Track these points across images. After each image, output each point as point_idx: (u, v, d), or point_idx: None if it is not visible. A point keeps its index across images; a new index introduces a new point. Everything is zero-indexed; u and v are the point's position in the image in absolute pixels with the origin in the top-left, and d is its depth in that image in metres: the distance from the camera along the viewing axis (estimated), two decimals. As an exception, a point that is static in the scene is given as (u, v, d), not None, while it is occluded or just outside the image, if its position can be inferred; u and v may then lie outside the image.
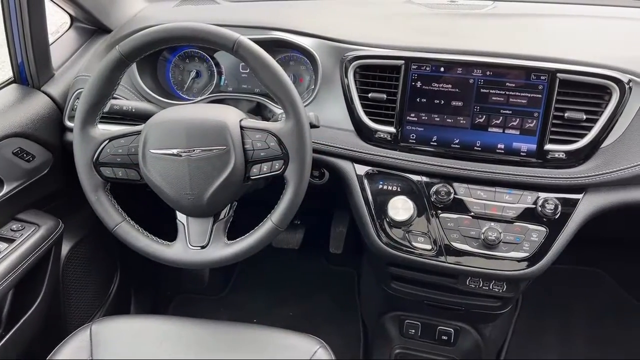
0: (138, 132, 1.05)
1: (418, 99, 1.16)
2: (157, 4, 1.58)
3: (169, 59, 1.40)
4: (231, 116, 1.02)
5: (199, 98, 1.34)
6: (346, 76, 1.19)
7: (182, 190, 1.02)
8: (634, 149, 1.09)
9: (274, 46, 1.30)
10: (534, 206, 1.13)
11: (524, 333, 1.88)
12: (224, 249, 1.05)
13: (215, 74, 1.38)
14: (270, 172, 1.01)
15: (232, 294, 2.12)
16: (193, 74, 1.38)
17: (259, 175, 1.02)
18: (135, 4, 1.54)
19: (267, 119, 1.28)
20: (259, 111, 1.32)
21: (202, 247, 1.06)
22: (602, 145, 1.10)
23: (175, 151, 1.01)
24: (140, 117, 1.15)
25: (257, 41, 1.02)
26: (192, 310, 2.05)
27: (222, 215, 1.07)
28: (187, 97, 1.40)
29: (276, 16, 1.38)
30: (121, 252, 1.75)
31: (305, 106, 1.22)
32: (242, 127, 1.01)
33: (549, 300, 1.99)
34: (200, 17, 1.44)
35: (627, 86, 1.07)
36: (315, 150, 1.17)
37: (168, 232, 1.12)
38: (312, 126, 1.06)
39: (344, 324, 1.94)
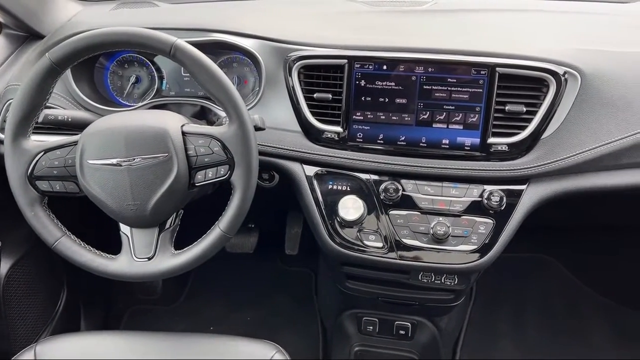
0: (75, 143, 1.01)
1: (363, 98, 1.16)
2: (92, 8, 1.52)
3: (106, 65, 1.35)
4: (172, 122, 0.99)
5: (140, 104, 1.29)
6: (290, 77, 1.18)
7: (123, 201, 0.98)
8: (572, 139, 1.12)
9: (215, 48, 1.28)
10: (480, 199, 1.15)
11: (479, 323, 1.92)
12: (171, 260, 1.01)
13: (156, 78, 1.34)
14: (216, 178, 0.99)
15: (187, 302, 2.08)
16: (133, 80, 1.34)
17: (204, 181, 0.99)
18: (68, 8, 1.47)
19: (212, 123, 1.25)
20: (203, 115, 1.29)
21: (149, 259, 1.02)
22: (543, 137, 1.13)
23: (114, 161, 0.97)
24: (77, 127, 1.10)
25: (196, 44, 0.99)
26: (147, 322, 1.99)
27: (167, 225, 1.04)
28: (127, 103, 1.35)
29: (217, 18, 1.35)
30: (67, 267, 1.68)
31: (250, 108, 1.21)
32: (184, 133, 0.99)
33: (501, 289, 2.04)
34: (138, 20, 1.39)
35: (562, 78, 1.10)
36: (262, 153, 1.16)
37: (113, 245, 1.08)
38: (258, 129, 1.04)
39: (302, 325, 1.93)
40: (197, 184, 1.00)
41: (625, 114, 1.13)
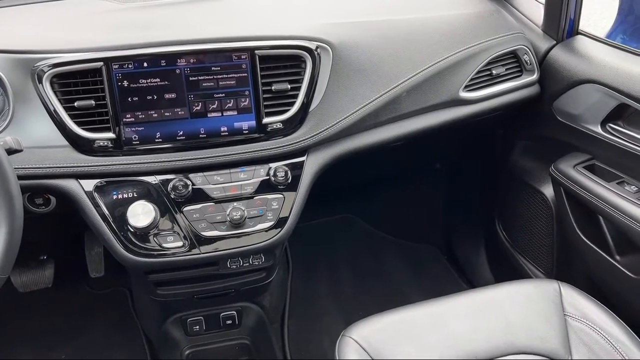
0: None
1: (130, 99, 1.11)
2: None
3: None
4: None
5: None
6: (43, 89, 1.07)
7: None
8: (335, 107, 1.23)
9: (-58, 69, 1.10)
10: (268, 177, 1.19)
11: (301, 291, 2.02)
12: None
13: None
14: (-30, 217, 0.87)
15: None
16: None
17: (-44, 224, 0.86)
18: None
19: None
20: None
21: None
22: (311, 109, 1.21)
23: None
24: None
25: None
26: None
27: None
28: None
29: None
30: None
31: (1, 131, 1.08)
32: None
33: (316, 255, 2.17)
34: None
35: (316, 53, 1.18)
36: (25, 177, 1.04)
37: None
38: (12, 151, 0.94)
39: (125, 346, 1.82)
40: (-53, 228, 0.86)
41: (375, 76, 1.27)
